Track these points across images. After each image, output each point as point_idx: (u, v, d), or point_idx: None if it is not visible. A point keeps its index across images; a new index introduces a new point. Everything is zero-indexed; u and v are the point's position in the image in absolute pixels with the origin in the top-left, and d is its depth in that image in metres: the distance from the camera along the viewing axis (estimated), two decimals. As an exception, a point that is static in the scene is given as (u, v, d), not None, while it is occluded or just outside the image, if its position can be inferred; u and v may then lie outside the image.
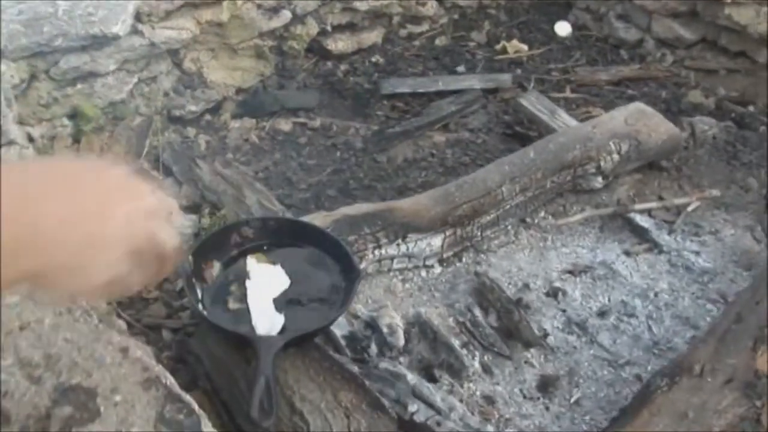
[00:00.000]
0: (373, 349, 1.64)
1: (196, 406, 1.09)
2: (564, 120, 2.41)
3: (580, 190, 2.13)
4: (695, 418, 1.34)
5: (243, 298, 1.54)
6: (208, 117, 2.48)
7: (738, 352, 1.43)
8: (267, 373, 1.33)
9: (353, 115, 2.58)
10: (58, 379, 1.11)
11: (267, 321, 1.48)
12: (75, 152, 2.22)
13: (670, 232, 2.07)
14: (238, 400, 1.47)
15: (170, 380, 1.12)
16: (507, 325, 1.72)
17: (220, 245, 1.62)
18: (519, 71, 2.84)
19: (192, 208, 2.08)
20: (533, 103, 2.50)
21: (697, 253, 2.02)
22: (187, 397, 1.10)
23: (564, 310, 1.82)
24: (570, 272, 1.91)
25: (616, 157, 2.08)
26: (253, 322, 1.48)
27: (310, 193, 2.17)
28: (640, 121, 2.16)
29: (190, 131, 2.40)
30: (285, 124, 2.47)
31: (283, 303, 1.54)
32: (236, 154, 2.32)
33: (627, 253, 1.99)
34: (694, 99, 2.64)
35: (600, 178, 2.10)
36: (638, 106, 2.26)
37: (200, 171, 2.17)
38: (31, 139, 2.12)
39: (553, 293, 1.85)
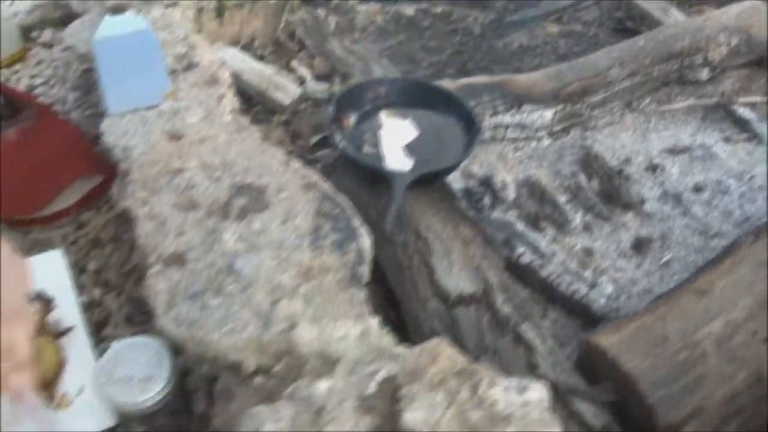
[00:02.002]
0: (486, 201, 1.84)
1: (348, 205, 1.31)
2: (676, 17, 2.50)
3: (685, 81, 2.24)
4: (775, 264, 1.49)
5: (376, 144, 1.75)
6: (338, 0, 2.67)
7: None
8: (399, 201, 1.55)
9: (472, 3, 2.73)
10: (233, 179, 1.35)
11: (398, 162, 1.69)
12: (219, 25, 2.44)
13: (772, 126, 2.18)
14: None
15: (326, 186, 1.34)
16: (608, 189, 1.89)
17: (356, 99, 1.83)
18: (634, -28, 2.91)
19: (324, 77, 2.30)
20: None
21: (797, 147, 2.12)
22: (341, 198, 1.32)
23: (661, 183, 1.97)
24: (670, 151, 2.06)
25: (724, 49, 2.18)
26: (386, 162, 1.69)
27: (431, 71, 2.35)
28: (753, 17, 2.25)
29: (321, 12, 2.60)
30: (408, 10, 2.65)
31: (411, 149, 1.74)
32: (363, 33, 2.52)
33: (726, 140, 2.11)
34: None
35: (707, 70, 2.21)
36: (754, 3, 2.33)
37: (331, 46, 2.38)
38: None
39: (652, 168, 2.00)
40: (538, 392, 1.03)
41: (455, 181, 1.86)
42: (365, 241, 1.26)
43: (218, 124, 1.47)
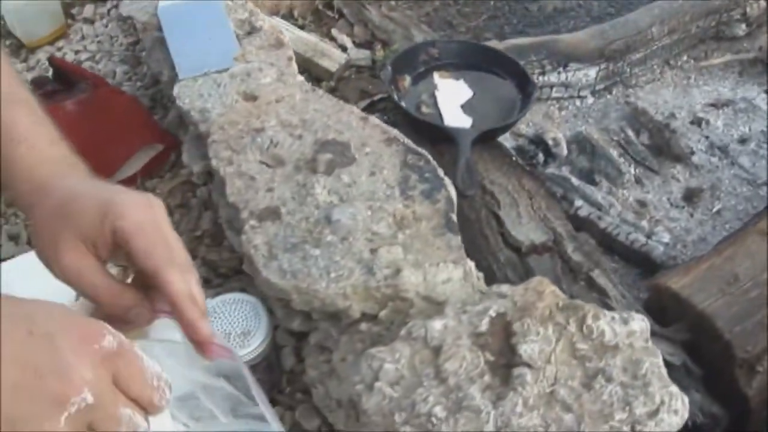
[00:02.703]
0: (540, 158, 1.88)
1: (431, 158, 1.34)
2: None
3: (722, 38, 2.28)
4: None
5: (434, 105, 1.78)
6: (370, -31, 2.68)
7: None
8: (467, 156, 1.58)
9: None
10: (315, 136, 1.38)
11: (457, 120, 1.72)
12: None
13: (811, 78, 2.22)
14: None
15: (407, 140, 1.37)
16: (657, 142, 1.93)
17: (409, 61, 1.86)
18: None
19: (364, 45, 2.32)
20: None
21: (836, 95, 2.16)
22: (424, 151, 1.35)
23: (707, 136, 2.01)
24: (713, 105, 2.10)
25: (763, 3, 2.21)
26: (446, 122, 1.72)
27: (469, 35, 2.39)
28: (789, -29, 2.28)
29: (356, -19, 2.62)
30: (441, -24, 2.67)
31: (468, 109, 1.77)
32: (398, 1, 2.54)
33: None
34: None
35: (744, 26, 2.24)
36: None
37: (369, 13, 2.40)
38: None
39: (697, 122, 2.04)
40: (639, 323, 1.07)
41: (505, 140, 1.90)
42: (452, 190, 1.29)
43: (292, 84, 1.50)
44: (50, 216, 0.71)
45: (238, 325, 1.26)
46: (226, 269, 1.57)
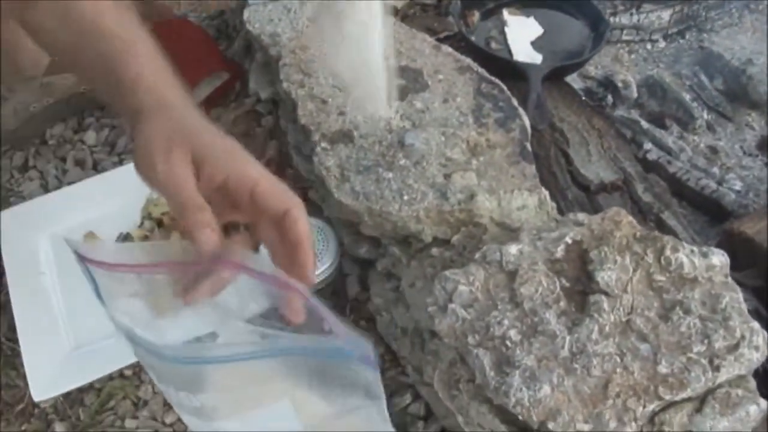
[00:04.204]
0: (608, 100, 1.83)
1: (505, 87, 1.32)
2: None
3: (807, -20, 2.20)
4: None
5: (503, 41, 1.74)
6: None
7: None
8: (538, 91, 1.55)
9: None
10: (387, 62, 1.36)
11: (527, 57, 1.69)
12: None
13: None
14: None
15: (480, 69, 1.35)
16: (732, 88, 1.87)
17: (478, -2, 1.82)
18: None
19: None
20: None
21: None
22: (497, 80, 1.33)
23: (786, 84, 1.95)
24: (794, 51, 2.03)
25: None
26: (515, 57, 1.69)
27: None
28: None
29: None
30: None
31: (538, 47, 1.74)
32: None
33: None
34: None
35: (831, -31, 2.16)
36: None
37: (435, -49, 2.36)
38: None
39: (776, 69, 1.98)
40: (719, 257, 1.04)
41: (573, 82, 1.85)
42: (526, 120, 1.27)
43: (364, 12, 1.48)
44: (171, 126, 0.75)
45: (307, 248, 1.25)
46: (290, 198, 1.56)
